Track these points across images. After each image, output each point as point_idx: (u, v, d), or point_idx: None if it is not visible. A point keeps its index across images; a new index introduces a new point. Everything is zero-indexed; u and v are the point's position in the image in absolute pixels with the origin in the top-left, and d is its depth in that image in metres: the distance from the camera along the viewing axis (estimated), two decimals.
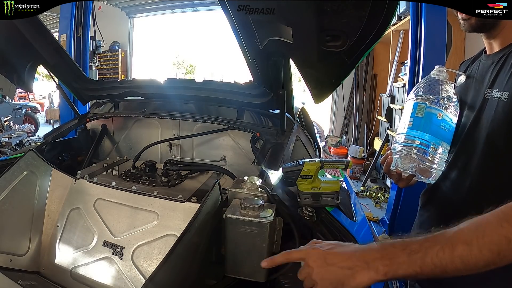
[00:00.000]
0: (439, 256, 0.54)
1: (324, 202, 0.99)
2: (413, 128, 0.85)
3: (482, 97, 0.83)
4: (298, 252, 0.62)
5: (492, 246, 0.53)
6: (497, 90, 0.78)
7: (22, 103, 8.36)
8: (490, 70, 0.83)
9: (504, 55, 0.80)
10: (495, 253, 0.53)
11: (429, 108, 0.84)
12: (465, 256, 0.54)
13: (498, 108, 0.77)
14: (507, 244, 0.53)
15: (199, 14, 8.09)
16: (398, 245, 0.57)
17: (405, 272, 0.55)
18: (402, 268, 0.55)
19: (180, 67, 15.30)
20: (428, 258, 0.54)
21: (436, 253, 0.54)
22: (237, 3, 0.82)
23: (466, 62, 0.99)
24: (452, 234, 0.56)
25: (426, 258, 0.55)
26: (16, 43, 1.34)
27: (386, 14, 0.75)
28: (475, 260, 0.54)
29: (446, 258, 0.54)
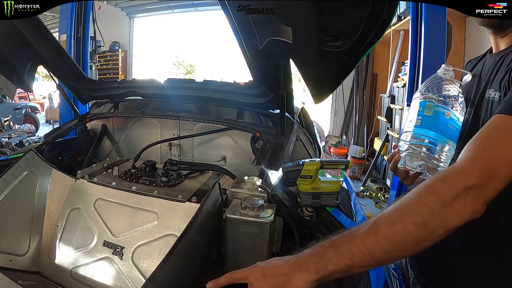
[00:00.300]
0: (364, 242, 0.54)
1: (324, 202, 0.99)
2: (421, 127, 0.85)
3: (482, 96, 0.83)
4: (241, 272, 0.63)
5: (415, 218, 0.54)
6: (493, 90, 0.79)
7: (22, 103, 8.37)
8: (491, 69, 0.83)
9: (504, 55, 0.80)
10: (421, 225, 0.53)
11: (437, 107, 0.84)
12: (390, 235, 0.54)
13: (491, 109, 0.78)
14: (430, 213, 0.53)
15: (199, 14, 8.09)
16: (327, 242, 0.58)
17: (336, 267, 0.55)
18: (332, 263, 0.55)
19: (180, 67, 15.30)
20: (354, 247, 0.54)
21: (361, 240, 0.55)
22: (237, 3, 0.82)
23: (473, 61, 0.99)
24: (375, 219, 0.57)
25: (352, 248, 0.54)
26: (16, 43, 1.34)
27: (386, 14, 0.75)
28: (401, 237, 0.54)
29: (371, 243, 0.54)
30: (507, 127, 0.59)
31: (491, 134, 0.60)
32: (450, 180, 0.56)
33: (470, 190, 0.54)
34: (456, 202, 0.54)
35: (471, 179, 0.54)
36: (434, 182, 0.57)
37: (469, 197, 0.54)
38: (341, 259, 0.55)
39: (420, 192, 0.56)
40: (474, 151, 0.58)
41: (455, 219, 0.54)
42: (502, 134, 0.59)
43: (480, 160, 0.57)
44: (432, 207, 0.54)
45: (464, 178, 0.55)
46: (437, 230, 0.54)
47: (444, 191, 0.55)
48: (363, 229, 0.56)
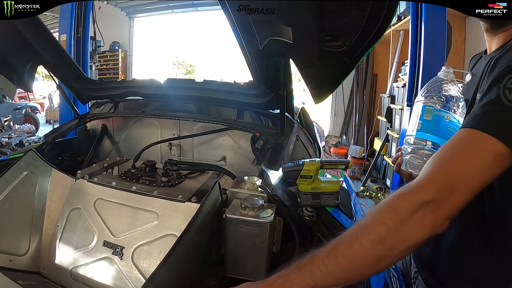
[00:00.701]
0: (325, 263, 0.55)
1: (324, 202, 0.99)
2: (422, 131, 0.88)
3: (473, 98, 0.84)
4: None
5: (372, 236, 0.54)
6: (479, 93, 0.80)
7: (22, 103, 8.36)
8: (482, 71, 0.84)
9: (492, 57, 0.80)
10: (378, 242, 0.54)
11: (437, 111, 0.86)
12: (348, 254, 0.54)
13: None
14: (386, 230, 0.54)
15: (199, 14, 8.10)
16: (293, 265, 0.59)
17: (300, 287, 0.56)
18: (296, 284, 0.56)
19: (180, 67, 15.31)
20: (316, 268, 0.55)
21: (322, 260, 0.56)
22: (237, 3, 0.82)
23: (476, 57, 0.99)
24: (336, 240, 0.57)
25: (314, 269, 0.55)
26: (16, 43, 1.34)
27: (386, 14, 0.75)
28: (360, 256, 0.54)
29: (332, 263, 0.55)
30: (469, 141, 0.59)
31: (453, 149, 0.60)
32: (407, 196, 0.56)
33: (428, 206, 0.54)
34: (414, 218, 0.54)
35: (428, 194, 0.55)
36: (391, 199, 0.57)
37: (427, 213, 0.54)
38: (304, 280, 0.56)
39: (377, 210, 0.57)
40: (434, 166, 0.59)
41: (414, 235, 0.54)
42: (463, 148, 0.59)
43: (438, 175, 0.57)
44: (388, 224, 0.54)
45: (421, 194, 0.55)
46: (396, 247, 0.54)
47: (401, 207, 0.55)
48: (324, 251, 0.57)
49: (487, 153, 0.57)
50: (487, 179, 0.57)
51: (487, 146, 0.57)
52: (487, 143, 0.57)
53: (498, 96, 0.59)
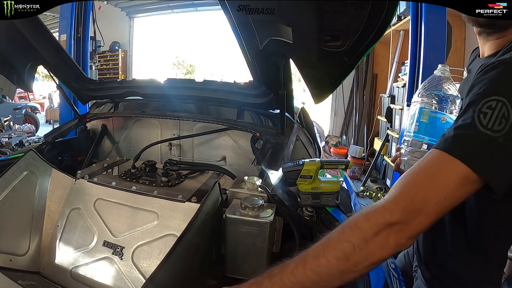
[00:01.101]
0: (294, 274, 0.58)
1: (324, 202, 0.99)
2: (419, 132, 0.89)
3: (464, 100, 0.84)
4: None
5: (337, 253, 0.57)
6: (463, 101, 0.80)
7: (22, 103, 8.36)
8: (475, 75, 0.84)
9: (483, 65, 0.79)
10: (343, 259, 0.57)
11: (433, 113, 0.87)
12: (315, 268, 0.57)
13: None
14: (351, 248, 0.57)
15: (199, 14, 8.09)
16: (265, 273, 0.62)
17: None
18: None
19: (180, 67, 15.31)
20: (285, 277, 0.58)
21: (291, 271, 0.58)
22: (237, 3, 0.82)
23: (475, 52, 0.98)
24: (306, 252, 0.60)
25: (283, 278, 0.58)
26: (16, 43, 1.34)
27: (386, 14, 0.75)
28: (326, 270, 0.57)
29: (300, 274, 0.58)
30: (438, 164, 0.59)
31: (422, 171, 0.60)
32: (372, 217, 0.58)
33: (393, 226, 0.56)
34: (378, 238, 0.56)
35: (393, 216, 0.56)
36: (357, 219, 0.59)
37: (392, 233, 0.56)
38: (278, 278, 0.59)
39: (343, 228, 0.60)
40: (402, 188, 0.59)
41: (378, 253, 0.57)
42: (432, 171, 0.59)
43: (405, 197, 0.58)
44: (353, 242, 0.57)
45: (386, 215, 0.57)
46: (360, 263, 0.57)
47: (366, 227, 0.57)
48: (294, 262, 0.60)
49: (455, 178, 0.57)
50: (453, 203, 0.57)
51: (455, 171, 0.57)
52: (456, 168, 0.57)
53: (473, 120, 0.59)
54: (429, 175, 0.59)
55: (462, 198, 0.58)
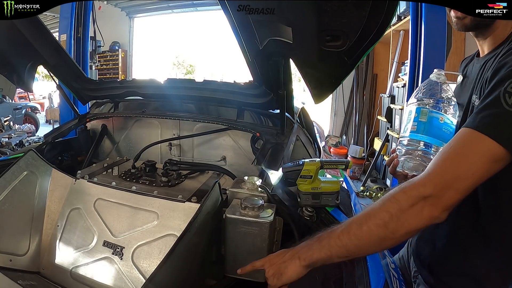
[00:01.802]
0: (340, 238, 0.68)
1: (324, 202, 0.99)
2: (417, 132, 0.88)
3: (469, 100, 0.85)
4: (259, 261, 0.80)
5: (377, 221, 0.65)
6: (475, 95, 0.81)
7: (22, 103, 8.36)
8: (477, 73, 0.85)
9: (486, 60, 0.82)
10: (382, 226, 0.65)
11: (431, 113, 0.87)
12: (358, 234, 0.67)
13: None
14: (389, 217, 0.64)
15: (199, 14, 8.10)
16: (315, 237, 0.73)
17: (319, 256, 0.70)
18: (316, 253, 0.70)
19: (180, 67, 15.31)
20: (332, 241, 0.69)
21: (337, 236, 0.69)
22: (237, 3, 0.82)
23: (466, 60, 1.01)
24: (350, 220, 0.71)
25: (331, 242, 0.69)
26: (16, 43, 1.34)
27: (386, 14, 0.75)
28: (367, 236, 0.66)
29: (345, 239, 0.68)
30: (468, 142, 0.65)
31: (453, 149, 0.66)
32: (409, 191, 0.65)
33: (427, 199, 0.63)
34: (413, 209, 0.63)
35: (427, 190, 0.63)
36: (395, 192, 0.67)
37: (426, 205, 0.63)
38: (323, 250, 0.70)
39: (383, 200, 0.67)
40: (434, 165, 0.66)
41: (413, 222, 0.64)
42: (462, 148, 0.65)
43: (437, 173, 0.64)
44: (391, 212, 0.64)
45: (420, 189, 0.64)
46: (397, 231, 0.65)
47: (402, 199, 0.65)
48: (340, 228, 0.70)
49: (483, 154, 0.62)
50: (481, 178, 0.63)
51: (484, 148, 0.62)
52: (485, 145, 0.62)
53: (499, 100, 0.63)
54: (459, 152, 0.64)
55: (488, 175, 0.63)
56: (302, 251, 0.72)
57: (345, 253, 0.69)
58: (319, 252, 0.70)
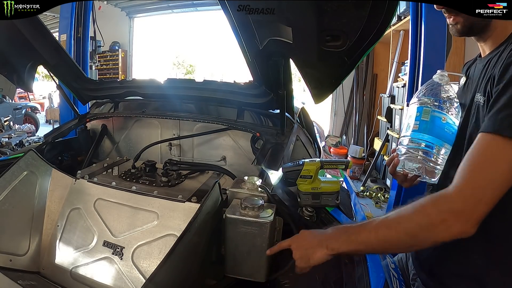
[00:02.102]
0: (368, 237, 0.71)
1: (324, 202, 0.99)
2: (419, 131, 0.88)
3: (472, 101, 0.85)
4: (286, 241, 0.84)
5: (407, 229, 0.68)
6: (479, 94, 0.80)
7: (22, 103, 8.36)
8: (480, 73, 0.85)
9: (489, 59, 0.82)
10: (411, 236, 0.67)
11: (434, 112, 0.87)
12: (387, 237, 0.70)
13: (477, 112, 0.79)
14: (419, 229, 0.66)
15: (199, 14, 8.09)
16: (342, 227, 0.78)
17: (347, 248, 0.74)
18: (344, 246, 0.74)
19: (180, 67, 15.30)
20: (360, 238, 0.72)
21: (367, 234, 0.71)
22: (237, 3, 0.82)
23: (468, 63, 1.00)
24: (380, 221, 0.72)
25: (358, 238, 0.72)
26: (16, 43, 1.34)
27: (386, 14, 0.75)
28: (395, 240, 0.69)
29: (373, 239, 0.70)
30: (493, 148, 0.63)
31: (477, 158, 0.65)
32: (439, 205, 0.65)
33: (459, 215, 0.63)
34: (443, 224, 0.64)
35: (457, 205, 0.63)
36: (426, 205, 0.67)
37: (458, 221, 0.63)
38: (351, 245, 0.73)
39: (414, 209, 0.68)
40: (461, 178, 0.65)
41: (442, 236, 0.65)
42: (488, 156, 0.64)
43: (467, 188, 0.64)
44: (421, 225, 0.66)
45: (451, 205, 0.64)
46: (425, 242, 0.68)
47: (433, 213, 0.65)
48: (369, 226, 0.72)
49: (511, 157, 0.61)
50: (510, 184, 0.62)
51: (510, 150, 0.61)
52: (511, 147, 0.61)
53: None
54: (485, 161, 0.64)
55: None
56: (330, 241, 0.75)
57: (371, 250, 0.76)
58: (347, 245, 0.73)
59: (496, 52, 0.79)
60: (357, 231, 0.73)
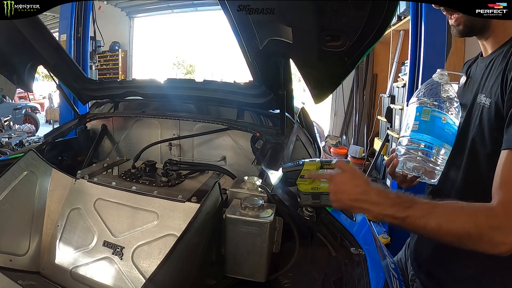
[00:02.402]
0: (419, 219, 0.69)
1: (324, 202, 0.99)
2: (418, 131, 0.87)
3: (473, 100, 0.84)
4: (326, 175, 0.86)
5: (457, 232, 0.66)
6: (484, 95, 0.80)
7: (22, 103, 8.37)
8: (482, 73, 0.84)
9: (493, 58, 0.81)
10: (456, 239, 0.67)
11: (434, 112, 0.86)
12: (434, 230, 0.68)
13: (482, 114, 0.79)
14: (467, 236, 0.66)
15: (199, 14, 8.09)
16: (391, 196, 0.73)
17: (390, 220, 0.72)
18: (387, 218, 0.72)
19: (180, 67, 15.31)
20: (409, 220, 0.69)
21: (417, 214, 0.69)
22: (237, 3, 0.82)
23: (468, 62, 1.00)
24: (433, 208, 0.69)
25: (407, 220, 0.70)
26: (16, 43, 1.34)
27: (386, 14, 0.75)
28: (441, 237, 0.68)
29: (419, 224, 0.69)
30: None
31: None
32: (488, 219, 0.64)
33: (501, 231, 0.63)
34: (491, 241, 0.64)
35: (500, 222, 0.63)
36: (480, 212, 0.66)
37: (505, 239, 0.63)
38: (396, 219, 0.71)
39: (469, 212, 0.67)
40: (503, 194, 0.65)
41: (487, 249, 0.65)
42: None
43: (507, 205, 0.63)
44: (470, 233, 0.65)
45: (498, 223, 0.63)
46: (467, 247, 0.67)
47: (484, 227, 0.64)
48: (421, 207, 0.70)
49: None
50: None
51: None
52: None
53: None
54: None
55: None
56: (374, 208, 0.73)
57: (413, 230, 0.73)
58: (393, 219, 0.71)
59: (500, 52, 0.79)
60: (406, 209, 0.70)
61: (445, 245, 0.86)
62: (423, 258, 0.95)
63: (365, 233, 1.07)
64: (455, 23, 0.83)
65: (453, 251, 0.85)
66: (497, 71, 0.76)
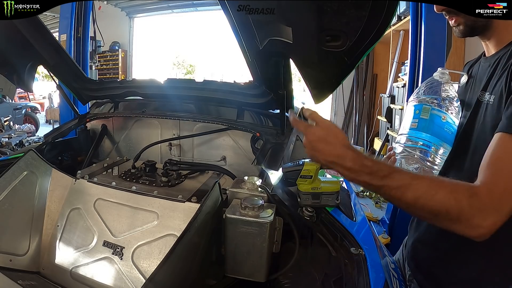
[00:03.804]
0: (391, 192, 0.68)
1: (324, 202, 0.99)
2: (417, 129, 0.86)
3: (476, 99, 0.83)
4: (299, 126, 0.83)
5: (434, 207, 0.64)
6: (488, 93, 0.79)
7: (22, 103, 8.37)
8: (486, 72, 0.84)
9: (498, 58, 0.81)
10: (432, 215, 0.65)
11: (434, 110, 0.85)
12: (410, 201, 0.66)
13: (486, 111, 0.78)
14: (445, 213, 0.63)
15: (199, 14, 8.10)
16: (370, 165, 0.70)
17: (363, 185, 0.72)
18: (363, 183, 0.71)
19: (180, 67, 15.31)
20: (384, 189, 0.68)
21: (392, 190, 0.67)
22: (237, 3, 0.82)
23: (470, 62, 1.00)
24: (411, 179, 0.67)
25: (382, 189, 0.69)
26: (16, 43, 1.34)
27: (386, 14, 0.75)
28: (416, 210, 0.67)
29: (395, 194, 0.67)
30: None
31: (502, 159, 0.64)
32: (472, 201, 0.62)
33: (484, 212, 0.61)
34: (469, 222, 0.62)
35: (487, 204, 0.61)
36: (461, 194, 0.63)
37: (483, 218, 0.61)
38: (369, 187, 0.71)
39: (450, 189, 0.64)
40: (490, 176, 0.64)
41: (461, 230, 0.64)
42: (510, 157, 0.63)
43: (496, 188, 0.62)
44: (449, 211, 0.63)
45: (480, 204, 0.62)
46: (442, 225, 0.66)
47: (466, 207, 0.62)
48: (400, 179, 0.67)
49: None
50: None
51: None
52: None
53: None
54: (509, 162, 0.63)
55: None
56: (349, 174, 0.72)
57: (388, 199, 0.71)
58: (367, 185, 0.71)
59: (506, 51, 0.78)
60: (383, 178, 0.68)
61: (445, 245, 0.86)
62: (422, 258, 0.95)
63: (365, 233, 1.06)
64: (455, 23, 0.83)
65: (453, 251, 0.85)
66: (503, 69, 0.76)
